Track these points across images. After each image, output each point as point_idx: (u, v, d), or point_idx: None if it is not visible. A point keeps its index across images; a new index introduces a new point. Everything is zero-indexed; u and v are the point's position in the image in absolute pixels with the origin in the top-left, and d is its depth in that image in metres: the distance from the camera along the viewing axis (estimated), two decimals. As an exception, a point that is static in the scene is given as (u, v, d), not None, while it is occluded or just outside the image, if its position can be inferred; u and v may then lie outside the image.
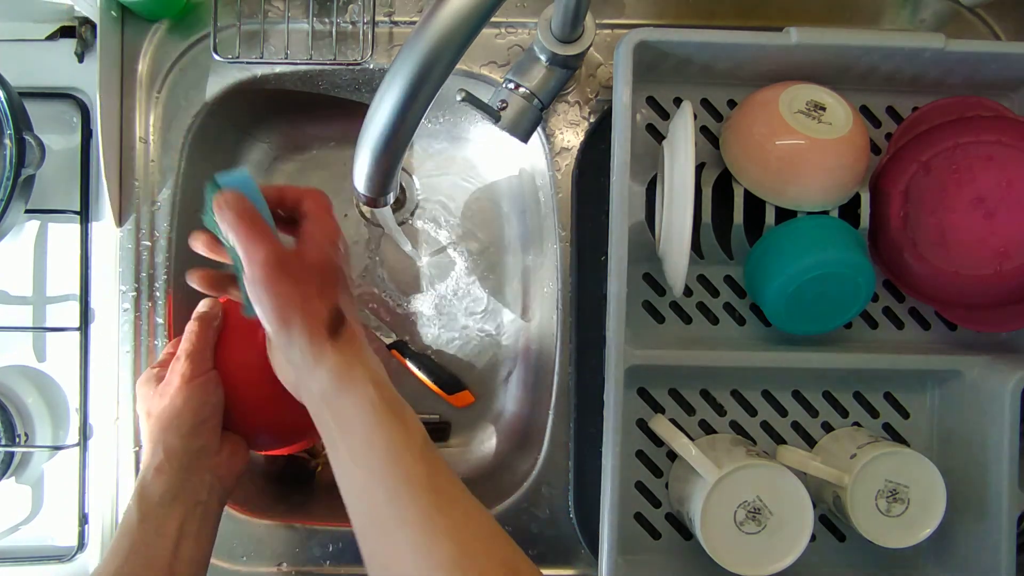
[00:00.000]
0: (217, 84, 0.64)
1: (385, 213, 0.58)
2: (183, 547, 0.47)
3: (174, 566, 0.47)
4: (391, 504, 0.39)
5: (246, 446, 0.53)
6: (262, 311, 0.42)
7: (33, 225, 0.64)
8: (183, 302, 0.64)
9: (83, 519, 0.62)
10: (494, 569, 0.37)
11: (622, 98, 0.54)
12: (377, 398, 0.41)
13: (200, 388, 0.50)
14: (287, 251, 0.42)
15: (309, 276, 0.42)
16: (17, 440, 0.63)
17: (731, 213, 0.59)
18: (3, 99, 0.56)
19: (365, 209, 0.73)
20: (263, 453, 0.67)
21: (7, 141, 0.56)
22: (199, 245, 0.46)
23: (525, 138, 0.58)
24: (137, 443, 0.63)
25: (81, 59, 0.63)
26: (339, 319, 0.42)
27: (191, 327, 0.52)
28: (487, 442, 0.72)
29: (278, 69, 0.64)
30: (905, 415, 0.63)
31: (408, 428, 0.41)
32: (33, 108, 0.60)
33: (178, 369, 0.50)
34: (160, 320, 0.63)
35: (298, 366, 0.42)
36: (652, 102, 0.62)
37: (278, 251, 0.41)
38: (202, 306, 0.54)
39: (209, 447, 0.50)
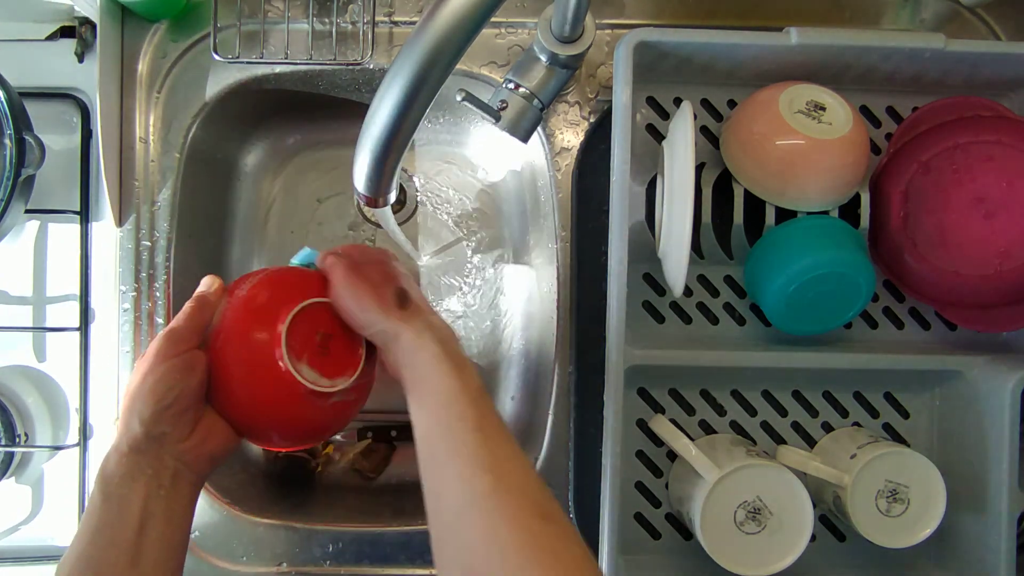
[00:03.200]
0: (217, 84, 0.64)
1: (385, 213, 0.58)
2: (149, 527, 0.45)
3: (141, 546, 0.45)
4: (444, 439, 0.45)
5: (228, 434, 0.50)
6: (348, 308, 0.50)
7: (33, 225, 0.64)
8: (183, 302, 0.64)
9: (83, 519, 0.62)
10: (527, 506, 0.41)
11: (622, 98, 0.54)
12: (442, 353, 0.47)
13: (169, 371, 0.47)
14: (354, 264, 0.52)
15: (371, 274, 0.51)
16: (17, 440, 0.63)
17: (731, 213, 0.59)
18: (3, 99, 0.56)
19: (365, 209, 0.73)
20: (265, 447, 0.66)
21: (7, 141, 0.56)
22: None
23: (525, 138, 0.58)
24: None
25: (81, 59, 0.63)
26: (403, 296, 0.50)
27: (185, 305, 0.51)
28: (487, 442, 0.72)
29: (278, 69, 0.64)
30: (905, 415, 0.63)
31: (465, 378, 0.46)
32: (33, 108, 0.60)
33: (152, 346, 0.48)
34: (160, 320, 0.63)
35: (383, 340, 0.49)
36: (652, 102, 0.62)
37: (348, 265, 0.51)
38: (202, 286, 0.52)
39: (172, 434, 0.47)
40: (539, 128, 0.63)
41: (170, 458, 0.47)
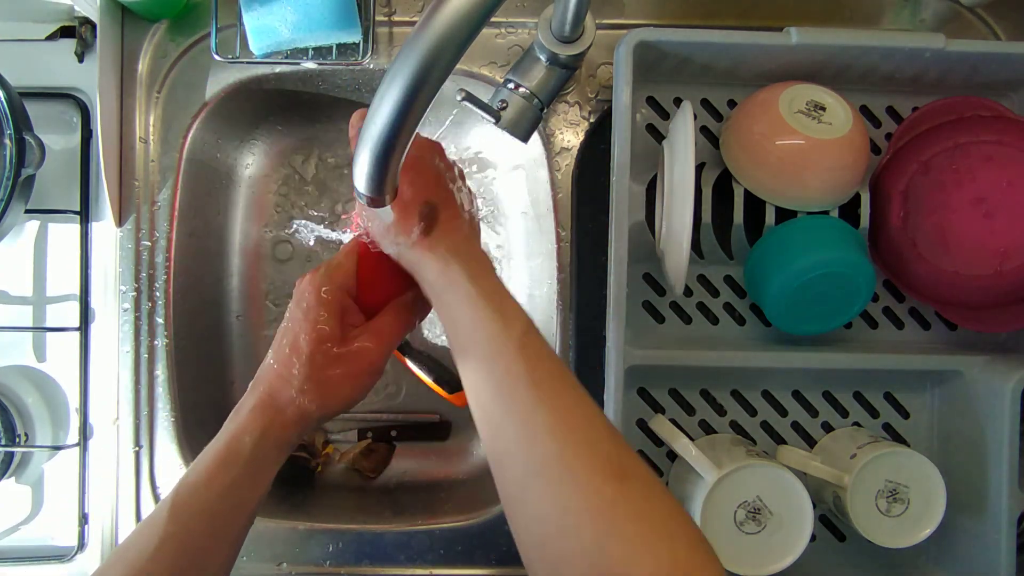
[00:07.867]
0: (217, 84, 0.64)
1: (385, 213, 0.58)
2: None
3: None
4: (495, 401, 0.39)
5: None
6: (371, 229, 0.44)
7: (33, 225, 0.64)
8: (183, 302, 0.64)
9: (83, 519, 0.62)
10: (598, 467, 0.36)
11: (622, 98, 0.54)
12: (475, 293, 0.41)
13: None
14: None
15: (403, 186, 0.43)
16: (17, 440, 0.63)
17: (731, 213, 0.59)
18: (3, 99, 0.56)
19: (365, 209, 0.73)
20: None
21: (7, 141, 0.56)
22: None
23: (525, 138, 0.58)
24: (137, 443, 0.63)
25: (81, 59, 0.63)
26: (431, 216, 0.43)
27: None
28: (487, 442, 0.72)
29: (278, 69, 0.64)
30: (905, 415, 0.63)
31: (507, 321, 0.40)
32: (33, 108, 0.60)
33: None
34: (160, 320, 0.63)
35: (409, 268, 0.44)
36: (652, 102, 0.62)
37: None
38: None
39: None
40: (539, 128, 0.63)
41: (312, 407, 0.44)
